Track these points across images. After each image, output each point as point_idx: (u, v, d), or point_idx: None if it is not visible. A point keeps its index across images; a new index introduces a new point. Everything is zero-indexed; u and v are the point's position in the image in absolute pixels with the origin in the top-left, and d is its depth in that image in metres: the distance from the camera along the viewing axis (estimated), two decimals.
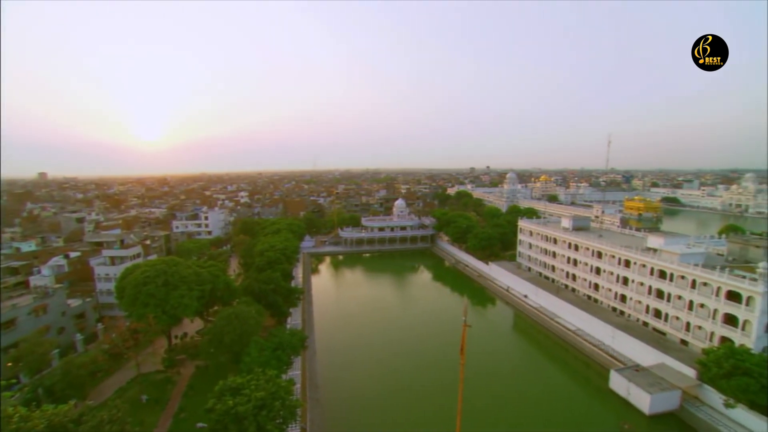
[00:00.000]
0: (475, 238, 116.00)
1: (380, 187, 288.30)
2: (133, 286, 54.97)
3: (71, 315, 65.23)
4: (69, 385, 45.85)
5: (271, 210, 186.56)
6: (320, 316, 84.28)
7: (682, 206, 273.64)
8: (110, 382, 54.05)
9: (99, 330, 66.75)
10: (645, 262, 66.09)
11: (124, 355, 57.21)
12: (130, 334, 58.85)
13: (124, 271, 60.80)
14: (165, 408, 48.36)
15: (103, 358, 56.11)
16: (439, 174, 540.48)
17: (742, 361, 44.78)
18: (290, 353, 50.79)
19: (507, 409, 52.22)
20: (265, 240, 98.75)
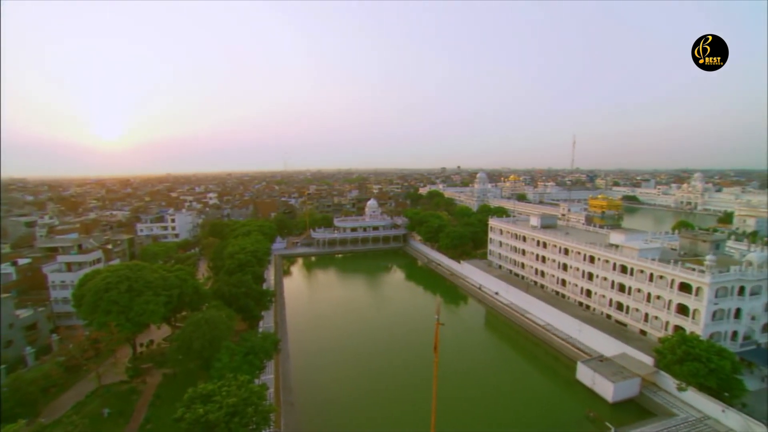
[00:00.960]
0: (447, 237, 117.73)
1: (352, 187, 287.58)
2: (93, 293, 52.08)
3: (20, 327, 60.39)
4: (18, 404, 42.42)
5: (241, 211, 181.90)
6: (293, 318, 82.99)
7: (641, 204, 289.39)
8: (67, 397, 50.68)
9: (54, 341, 62.62)
10: (608, 258, 69.38)
11: (83, 367, 53.75)
12: (89, 344, 55.55)
13: (83, 278, 57.57)
14: (129, 420, 46.05)
15: (59, 371, 52.42)
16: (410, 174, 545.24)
17: (692, 347, 47.89)
18: (263, 357, 49.72)
19: (480, 404, 53.28)
20: (236, 242, 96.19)
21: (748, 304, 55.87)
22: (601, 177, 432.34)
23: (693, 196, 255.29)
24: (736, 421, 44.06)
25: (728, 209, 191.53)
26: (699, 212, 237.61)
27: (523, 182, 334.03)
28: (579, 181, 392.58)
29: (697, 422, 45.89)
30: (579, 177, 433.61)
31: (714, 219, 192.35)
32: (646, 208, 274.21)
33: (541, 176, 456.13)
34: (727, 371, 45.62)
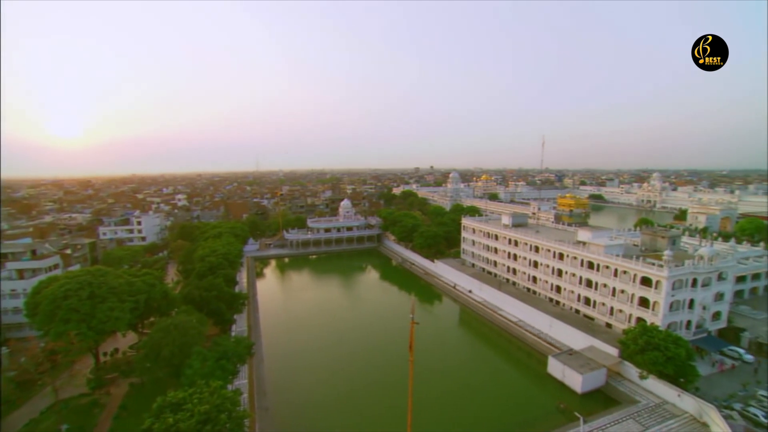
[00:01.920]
0: (421, 237, 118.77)
1: (326, 187, 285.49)
2: (50, 301, 49.10)
3: None
4: None
5: (211, 213, 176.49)
6: (267, 321, 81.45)
7: (606, 202, 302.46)
8: (19, 415, 47.25)
9: (3, 355, 58.37)
10: (576, 255, 72.11)
11: (37, 382, 50.48)
12: (45, 357, 52.32)
13: (38, 285, 54.27)
14: None
15: (9, 387, 48.83)
16: (384, 174, 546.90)
17: (652, 337, 50.70)
18: (236, 362, 48.51)
19: (455, 401, 54.13)
20: (206, 245, 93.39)
21: (700, 295, 59.62)
22: (569, 177, 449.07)
23: (652, 194, 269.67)
24: (691, 405, 47.08)
25: (683, 207, 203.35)
26: (658, 210, 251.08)
27: (494, 182, 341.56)
28: (548, 180, 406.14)
29: (656, 407, 48.62)
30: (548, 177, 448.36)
31: (671, 216, 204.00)
32: (611, 206, 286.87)
33: (512, 176, 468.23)
34: (682, 358, 48.61)
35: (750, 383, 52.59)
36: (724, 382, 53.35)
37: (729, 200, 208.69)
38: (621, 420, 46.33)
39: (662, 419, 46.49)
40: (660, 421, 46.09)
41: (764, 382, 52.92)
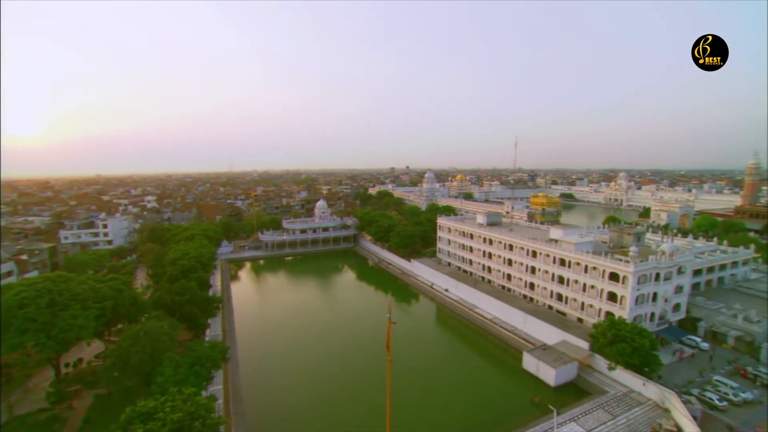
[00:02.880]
0: (398, 237, 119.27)
1: (301, 188, 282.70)
2: (3, 310, 46.13)
3: None
4: None
5: (183, 215, 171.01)
6: (242, 324, 79.65)
7: (576, 201, 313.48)
8: None
9: None
10: (548, 252, 74.34)
11: None
12: None
13: None
14: None
15: None
16: (360, 174, 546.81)
17: (619, 330, 52.98)
18: (210, 367, 47.16)
19: (433, 399, 54.69)
20: (178, 247, 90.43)
21: (663, 288, 62.80)
22: (541, 176, 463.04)
23: (619, 193, 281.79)
24: (654, 392, 49.60)
25: (647, 205, 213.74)
26: (624, 208, 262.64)
27: (469, 181, 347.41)
28: (521, 180, 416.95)
29: (623, 396, 50.89)
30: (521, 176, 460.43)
31: (636, 213, 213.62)
32: (581, 205, 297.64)
33: (487, 176, 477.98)
34: (646, 349, 51.08)
35: (706, 370, 55.96)
36: (683, 369, 56.43)
37: (687, 198, 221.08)
38: (592, 410, 48.17)
39: (629, 407, 48.71)
40: (627, 409, 48.27)
41: (718, 368, 56.43)
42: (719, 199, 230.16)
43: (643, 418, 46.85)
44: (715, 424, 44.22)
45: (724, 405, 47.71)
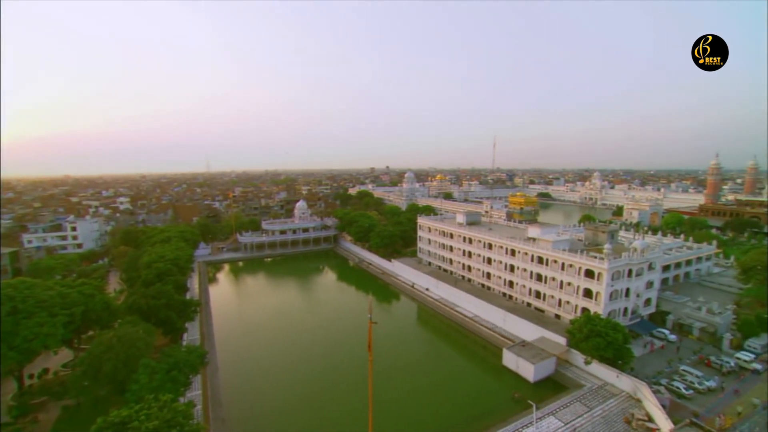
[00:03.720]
0: (378, 237, 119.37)
1: (280, 188, 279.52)
2: None
3: None
4: None
5: (158, 217, 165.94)
6: (221, 328, 77.98)
7: (553, 200, 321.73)
8: None
9: None
10: (527, 251, 75.99)
11: None
12: None
13: None
14: None
15: None
16: (340, 174, 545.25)
17: (595, 325, 54.72)
18: (188, 372, 45.86)
19: (415, 397, 55.01)
20: (153, 250, 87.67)
21: (635, 284, 65.30)
22: (519, 176, 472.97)
23: (593, 192, 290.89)
24: (627, 384, 51.55)
25: (619, 204, 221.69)
26: (599, 207, 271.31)
27: (449, 181, 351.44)
28: (500, 179, 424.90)
29: (599, 389, 52.64)
30: (500, 176, 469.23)
31: (610, 212, 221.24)
32: (558, 204, 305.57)
33: (466, 175, 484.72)
34: (620, 342, 52.98)
35: (674, 360, 58.59)
36: (653, 360, 58.83)
37: (656, 197, 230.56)
38: (569, 404, 49.57)
39: (604, 399, 50.42)
40: (602, 401, 49.95)
41: (685, 359, 59.20)
42: (685, 197, 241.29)
43: (617, 409, 48.59)
44: (682, 411, 46.26)
45: (690, 393, 50.15)
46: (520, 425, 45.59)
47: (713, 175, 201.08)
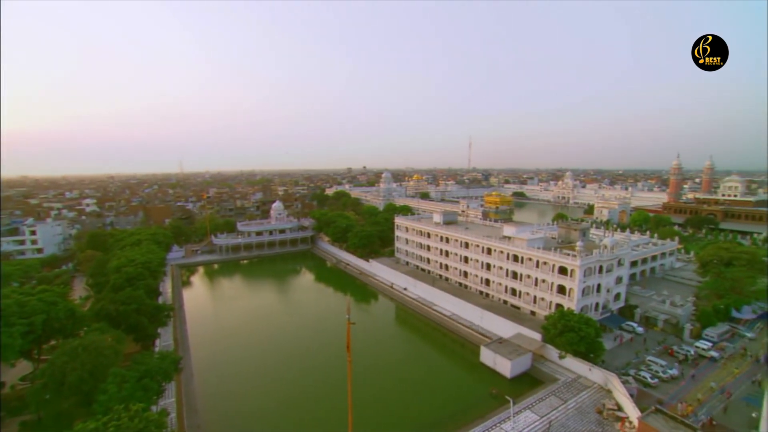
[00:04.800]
0: (356, 237, 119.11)
1: (256, 189, 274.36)
2: None
3: None
4: None
5: (128, 219, 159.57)
6: (196, 332, 75.74)
7: (528, 199, 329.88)
8: None
9: None
10: (502, 249, 77.56)
11: None
12: None
13: None
14: None
15: None
16: (316, 175, 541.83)
17: (568, 320, 56.42)
18: (161, 380, 44.30)
19: (394, 397, 55.26)
20: (123, 254, 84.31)
21: (605, 280, 67.87)
22: (495, 176, 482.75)
23: (566, 191, 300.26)
24: (599, 376, 53.59)
25: (591, 202, 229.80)
26: (571, 205, 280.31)
27: (425, 181, 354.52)
28: (476, 179, 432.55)
29: (572, 382, 54.43)
30: (476, 176, 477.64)
31: (582, 210, 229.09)
32: (532, 203, 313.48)
33: (442, 175, 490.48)
34: (592, 337, 54.86)
35: (641, 351, 61.34)
36: (622, 352, 61.34)
37: (624, 196, 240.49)
38: (545, 397, 50.98)
39: (577, 392, 52.17)
40: (575, 394, 51.67)
41: (651, 349, 62.10)
42: (650, 196, 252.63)
43: (590, 400, 50.38)
44: (648, 399, 48.51)
45: (655, 382, 52.73)
46: (498, 420, 46.50)
47: (675, 175, 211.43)
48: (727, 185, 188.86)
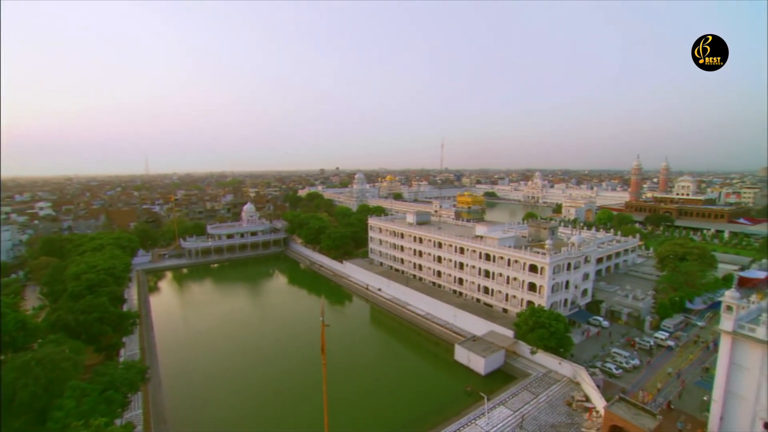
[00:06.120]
0: (329, 238, 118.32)
1: (226, 191, 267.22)
2: None
3: None
4: None
5: (88, 223, 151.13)
6: (164, 340, 72.83)
7: (498, 199, 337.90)
8: None
9: None
10: (475, 248, 79.03)
11: None
12: None
13: None
14: None
15: None
16: (289, 176, 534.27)
17: (539, 317, 58.35)
18: (126, 391, 42.24)
19: (370, 398, 55.22)
20: (82, 260, 79.81)
21: (573, 276, 70.52)
22: (467, 176, 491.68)
23: (535, 191, 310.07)
24: (568, 369, 55.60)
25: (559, 201, 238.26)
26: (540, 205, 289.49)
27: (399, 182, 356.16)
28: (448, 180, 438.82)
29: (544, 376, 56.15)
30: (448, 176, 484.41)
31: (551, 209, 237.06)
32: (503, 203, 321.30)
33: (415, 176, 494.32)
34: (561, 332, 56.95)
35: (606, 344, 64.22)
36: (590, 346, 63.98)
37: (590, 195, 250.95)
38: (517, 392, 52.30)
39: (548, 385, 53.87)
40: (546, 388, 53.32)
41: (615, 342, 65.08)
42: (614, 195, 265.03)
43: (560, 393, 52.16)
44: (613, 389, 50.82)
45: (620, 372, 55.47)
46: (473, 417, 47.27)
47: (635, 175, 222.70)
48: (680, 185, 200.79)
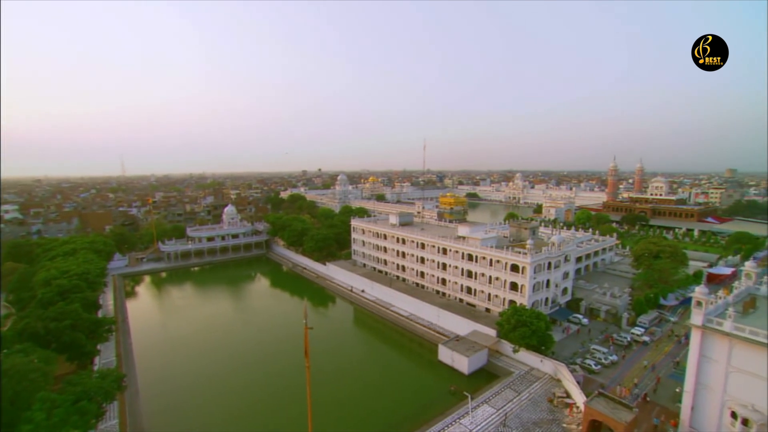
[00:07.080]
0: (312, 240, 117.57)
1: (206, 193, 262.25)
2: None
3: None
4: None
5: (60, 227, 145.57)
6: (141, 346, 70.69)
7: (480, 200, 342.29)
8: None
9: None
10: (457, 249, 79.81)
11: None
12: None
13: None
14: None
15: None
16: (270, 177, 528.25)
17: (521, 315, 59.28)
18: (101, 401, 40.76)
19: (354, 400, 54.96)
20: (53, 265, 76.74)
21: (554, 275, 72.06)
22: (449, 177, 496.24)
23: (516, 192, 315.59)
24: (549, 367, 56.71)
25: (539, 202, 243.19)
26: (521, 205, 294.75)
27: (381, 183, 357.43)
28: (431, 181, 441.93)
29: (526, 374, 57.14)
30: (430, 177, 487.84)
31: (531, 210, 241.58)
32: (485, 203, 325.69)
33: (398, 177, 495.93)
34: (543, 330, 58.00)
35: (586, 341, 65.81)
36: (570, 343, 65.45)
37: (569, 196, 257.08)
38: (500, 391, 53.03)
39: (530, 383, 54.83)
40: (528, 385, 54.27)
41: (594, 338, 66.78)
42: (592, 195, 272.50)
43: (542, 390, 53.16)
44: (592, 385, 52.14)
45: (599, 368, 56.85)
46: (457, 416, 47.66)
47: (612, 176, 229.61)
48: (654, 185, 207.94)
